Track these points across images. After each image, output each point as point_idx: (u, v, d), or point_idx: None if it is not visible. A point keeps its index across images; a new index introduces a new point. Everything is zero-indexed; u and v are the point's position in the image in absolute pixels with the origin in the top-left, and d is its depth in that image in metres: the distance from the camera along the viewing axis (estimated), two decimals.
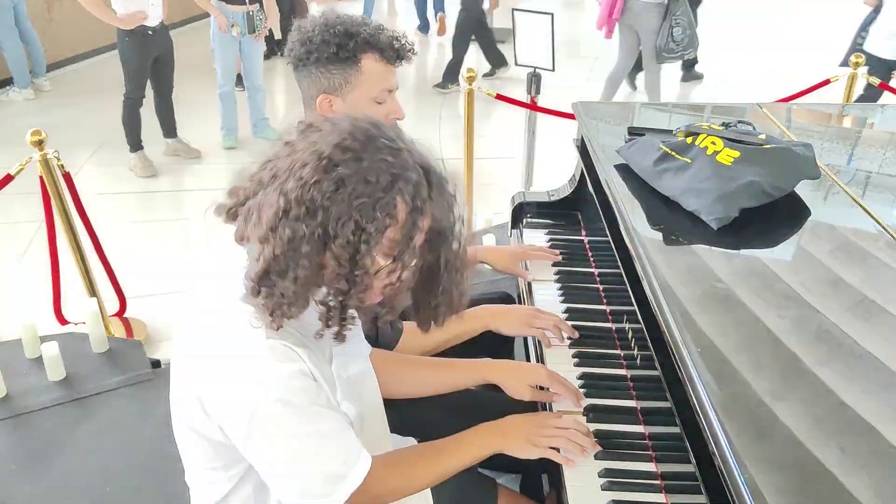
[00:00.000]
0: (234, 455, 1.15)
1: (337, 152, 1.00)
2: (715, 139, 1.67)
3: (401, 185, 1.01)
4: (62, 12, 6.76)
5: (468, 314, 1.71)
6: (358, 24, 1.53)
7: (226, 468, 1.19)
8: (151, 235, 4.08)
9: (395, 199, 1.01)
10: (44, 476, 2.04)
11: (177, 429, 1.22)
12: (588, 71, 7.16)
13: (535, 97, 3.84)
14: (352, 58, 1.51)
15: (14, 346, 2.55)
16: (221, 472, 1.20)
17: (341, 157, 0.99)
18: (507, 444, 1.30)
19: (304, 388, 1.08)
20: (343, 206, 0.99)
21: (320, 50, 1.50)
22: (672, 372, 1.20)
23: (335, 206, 0.99)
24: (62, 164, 2.73)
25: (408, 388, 1.50)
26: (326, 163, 0.99)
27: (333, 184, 0.98)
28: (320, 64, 1.52)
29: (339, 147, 1.00)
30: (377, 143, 1.02)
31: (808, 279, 1.44)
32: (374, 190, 0.99)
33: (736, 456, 0.97)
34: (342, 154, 1.00)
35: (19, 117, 5.63)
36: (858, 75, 3.81)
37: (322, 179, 0.98)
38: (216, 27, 4.81)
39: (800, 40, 7.57)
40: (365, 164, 0.99)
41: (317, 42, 1.51)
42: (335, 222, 0.99)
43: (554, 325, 1.68)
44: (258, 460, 1.10)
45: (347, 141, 1.01)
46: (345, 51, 1.50)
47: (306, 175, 0.99)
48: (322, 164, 0.99)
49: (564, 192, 2.28)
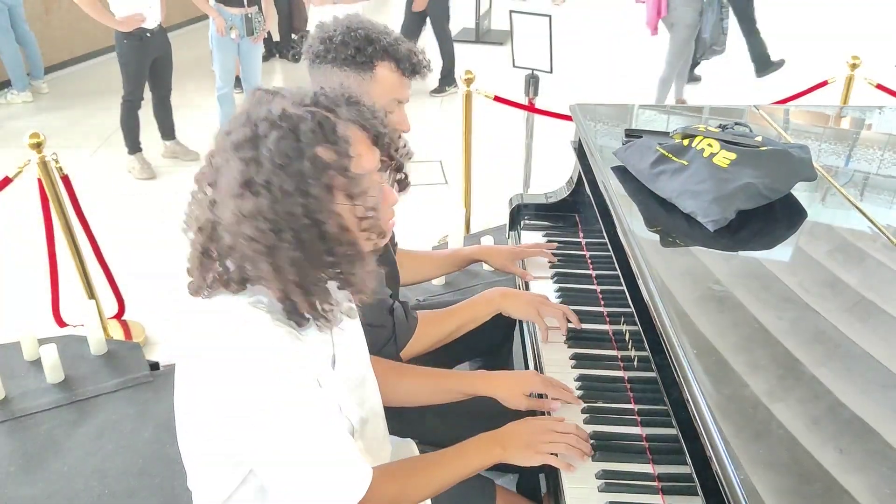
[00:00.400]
0: (235, 459, 1.15)
1: (242, 172, 1.00)
2: (711, 141, 1.68)
3: (306, 138, 1.01)
4: (60, 15, 6.76)
5: (478, 298, 1.72)
6: (379, 31, 1.55)
7: (227, 472, 1.19)
8: (150, 238, 4.07)
9: (311, 153, 1.01)
10: (42, 478, 2.04)
11: (179, 432, 1.22)
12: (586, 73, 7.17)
13: (533, 99, 3.84)
14: (368, 63, 1.54)
15: (13, 348, 2.54)
16: (222, 476, 1.19)
17: (248, 174, 1.00)
18: (508, 454, 1.30)
19: (309, 394, 1.08)
20: (283, 203, 1.00)
21: (338, 50, 1.53)
22: (669, 373, 1.21)
23: (279, 204, 1.00)
24: (60, 166, 2.74)
25: (402, 397, 1.49)
26: (245, 180, 1.00)
27: (265, 196, 1.00)
28: (336, 64, 1.54)
29: (241, 157, 1.01)
30: (263, 127, 1.01)
31: (805, 280, 1.45)
32: (291, 167, 1.00)
33: (732, 457, 0.97)
34: (248, 170, 1.00)
35: (18, 120, 5.63)
36: (856, 77, 3.81)
37: (253, 202, 1.00)
38: (214, 29, 4.82)
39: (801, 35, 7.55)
40: (268, 155, 1.00)
41: (336, 42, 1.53)
42: (291, 220, 1.00)
43: (562, 313, 1.70)
44: (259, 465, 1.10)
45: (240, 153, 1.01)
46: (362, 55, 1.53)
47: (242, 210, 1.00)
48: (243, 192, 1.00)
49: (562, 194, 2.28)
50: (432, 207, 4.20)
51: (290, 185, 1.00)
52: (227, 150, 1.03)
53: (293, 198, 1.00)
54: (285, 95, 1.08)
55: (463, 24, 8.47)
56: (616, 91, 6.64)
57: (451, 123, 5.60)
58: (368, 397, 1.36)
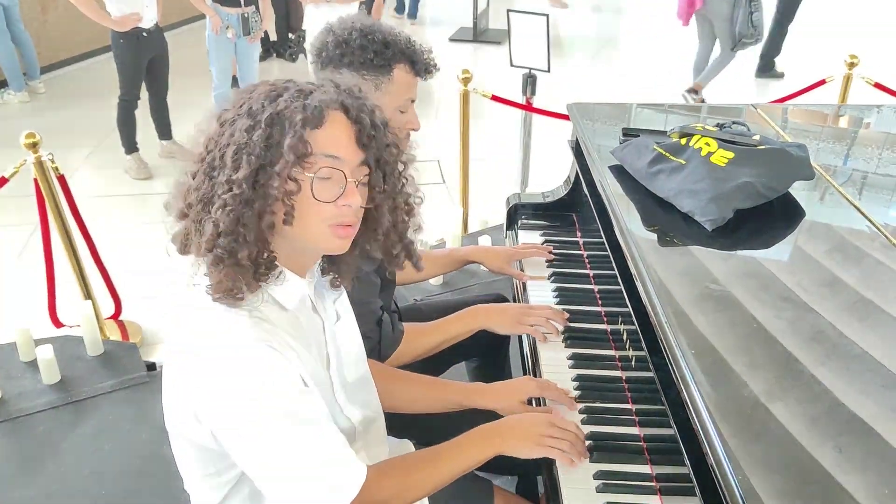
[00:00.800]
0: (226, 461, 1.14)
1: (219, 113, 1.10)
2: (709, 140, 1.67)
3: (283, 103, 1.06)
4: (57, 15, 6.74)
5: (464, 314, 1.72)
6: (394, 34, 1.59)
7: (219, 474, 1.18)
8: (146, 238, 4.06)
9: (279, 108, 1.05)
10: (39, 479, 2.04)
11: (171, 436, 1.21)
12: (583, 72, 7.17)
13: (530, 98, 3.84)
14: (386, 66, 1.57)
15: (9, 349, 2.54)
16: (215, 479, 1.19)
17: (229, 117, 1.09)
18: (506, 445, 1.29)
19: (296, 395, 1.07)
20: (239, 135, 1.06)
21: (356, 54, 1.55)
22: (667, 373, 1.20)
23: (236, 135, 1.06)
24: (57, 166, 2.73)
25: (398, 403, 1.49)
26: (218, 116, 1.10)
27: (228, 122, 1.08)
28: (353, 68, 1.55)
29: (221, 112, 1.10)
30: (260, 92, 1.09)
31: (803, 280, 1.44)
32: (264, 111, 1.06)
33: (730, 457, 0.97)
34: (231, 115, 1.09)
35: (13, 120, 5.62)
36: (854, 76, 3.81)
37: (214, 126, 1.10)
38: (211, 28, 4.81)
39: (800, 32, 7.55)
40: (251, 106, 1.07)
41: (354, 46, 1.55)
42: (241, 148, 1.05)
43: (546, 319, 1.69)
44: (250, 467, 1.10)
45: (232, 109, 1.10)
46: (381, 58, 1.56)
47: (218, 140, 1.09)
48: (217, 119, 1.10)
49: (559, 193, 2.28)
50: (429, 207, 4.19)
51: (249, 123, 1.05)
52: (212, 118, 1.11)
53: (251, 133, 1.05)
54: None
55: (460, 24, 8.47)
56: (615, 91, 6.63)
57: (448, 123, 5.59)
58: (369, 398, 1.35)
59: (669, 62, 7.22)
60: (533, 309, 1.74)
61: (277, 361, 1.06)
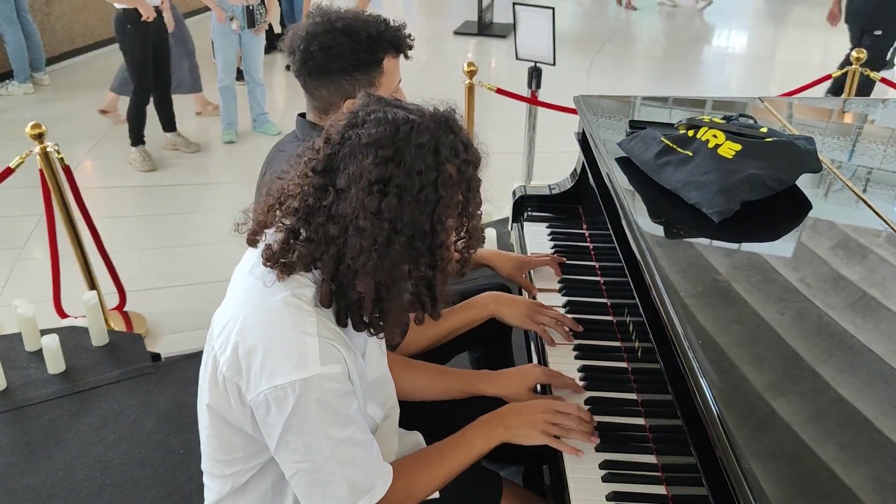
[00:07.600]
0: (257, 447, 1.15)
1: (378, 170, 1.02)
2: (716, 132, 1.67)
3: (445, 153, 1.05)
4: (61, 6, 6.74)
5: (474, 301, 1.72)
6: (375, 25, 1.54)
7: (246, 459, 1.18)
8: (151, 229, 4.07)
9: (445, 169, 1.05)
10: (44, 468, 2.05)
11: (201, 412, 1.20)
12: (588, 65, 7.15)
13: (535, 91, 3.83)
14: (376, 61, 1.54)
15: (14, 339, 2.55)
16: (241, 464, 1.19)
17: (384, 174, 1.02)
18: (511, 433, 1.30)
19: (344, 394, 1.08)
20: (411, 208, 1.03)
21: (345, 58, 1.51)
22: (673, 364, 1.20)
23: (405, 213, 1.03)
24: (62, 157, 2.73)
25: (407, 390, 1.49)
26: (376, 186, 1.02)
27: (395, 197, 1.02)
28: (345, 72, 1.52)
29: (376, 163, 1.03)
30: (404, 132, 1.04)
31: (810, 274, 1.44)
32: (426, 177, 1.03)
33: (736, 448, 0.97)
34: (385, 170, 1.02)
35: (19, 111, 5.62)
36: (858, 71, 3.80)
37: (380, 200, 1.02)
38: (216, 20, 4.80)
39: None
40: (408, 161, 1.03)
41: (343, 50, 1.50)
42: (412, 225, 1.04)
43: (556, 321, 1.68)
44: (286, 458, 1.09)
45: (380, 151, 1.03)
46: (370, 55, 1.53)
47: (367, 205, 1.02)
48: (373, 189, 1.02)
49: (565, 185, 2.27)
50: None
51: (422, 194, 1.04)
52: (358, 145, 1.05)
53: (422, 206, 1.04)
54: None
55: (466, 17, 8.45)
56: (620, 85, 6.62)
57: None
58: (389, 396, 1.35)
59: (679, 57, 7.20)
60: (544, 308, 1.72)
61: (336, 359, 1.07)
